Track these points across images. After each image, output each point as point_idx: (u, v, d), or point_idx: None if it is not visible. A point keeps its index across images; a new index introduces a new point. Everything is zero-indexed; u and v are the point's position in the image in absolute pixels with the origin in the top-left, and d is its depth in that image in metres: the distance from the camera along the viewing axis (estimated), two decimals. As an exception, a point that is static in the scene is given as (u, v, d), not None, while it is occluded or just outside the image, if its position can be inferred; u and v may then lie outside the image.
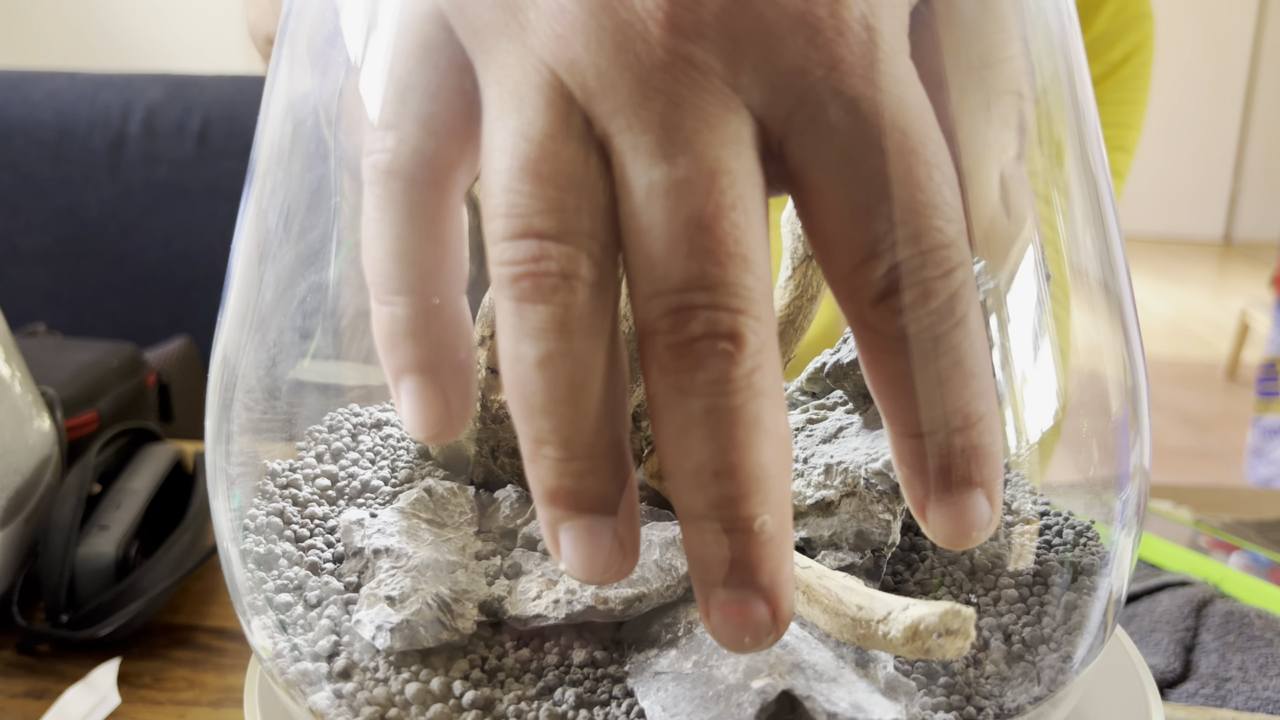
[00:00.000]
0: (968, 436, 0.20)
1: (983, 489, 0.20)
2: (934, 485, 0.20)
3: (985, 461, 0.20)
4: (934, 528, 0.21)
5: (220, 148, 1.17)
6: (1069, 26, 0.28)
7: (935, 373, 0.19)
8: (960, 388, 0.20)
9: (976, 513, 0.20)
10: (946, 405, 0.20)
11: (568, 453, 0.19)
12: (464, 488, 0.29)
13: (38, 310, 1.14)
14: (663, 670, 0.24)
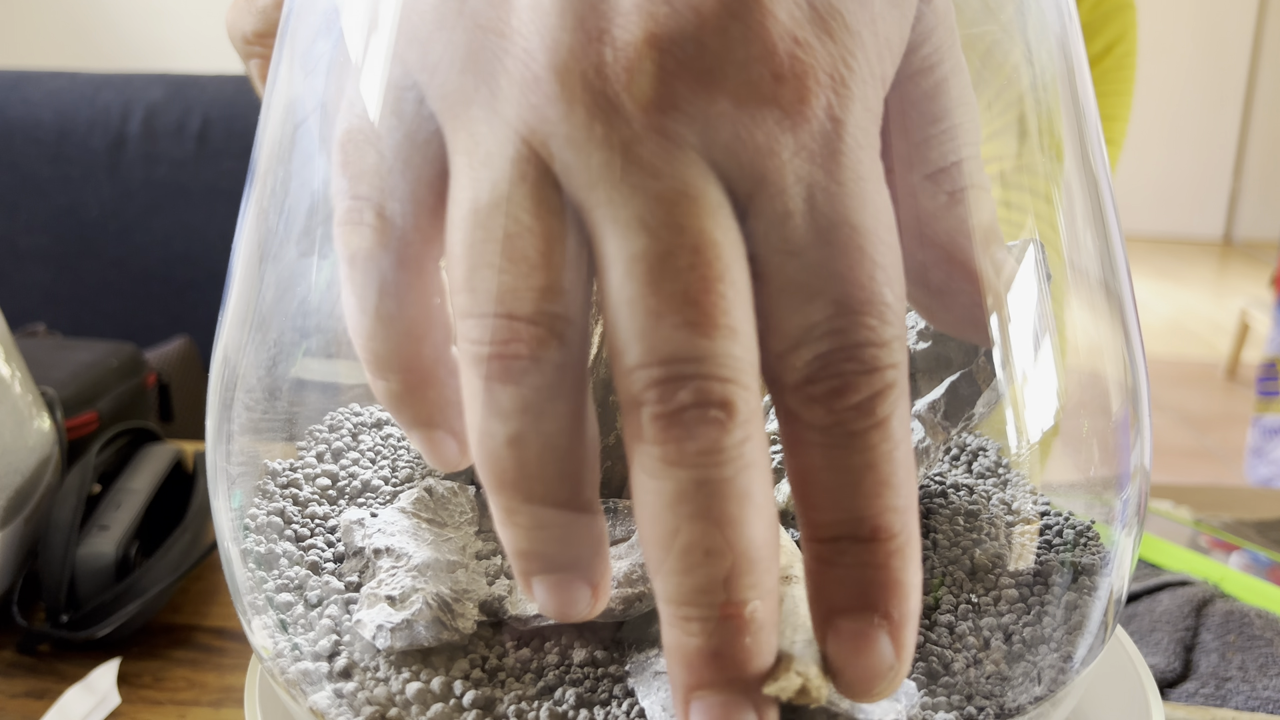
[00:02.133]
0: (874, 554, 0.19)
1: (885, 624, 0.19)
2: (830, 607, 0.19)
3: (891, 591, 0.19)
4: (831, 661, 0.19)
5: (220, 148, 1.17)
6: (1069, 26, 0.28)
7: (847, 473, 0.18)
8: (871, 495, 0.18)
9: (874, 650, 0.19)
10: (854, 511, 0.19)
11: (538, 522, 0.19)
12: (464, 487, 0.29)
13: (38, 310, 1.14)
14: (663, 670, 0.24)
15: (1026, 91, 0.29)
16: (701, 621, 0.18)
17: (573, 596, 0.20)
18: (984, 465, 0.33)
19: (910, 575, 0.19)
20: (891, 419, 0.19)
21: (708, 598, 0.18)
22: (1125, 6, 0.74)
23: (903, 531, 0.19)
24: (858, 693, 0.19)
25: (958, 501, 0.30)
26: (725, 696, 0.18)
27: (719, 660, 0.18)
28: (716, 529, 0.18)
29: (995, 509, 0.30)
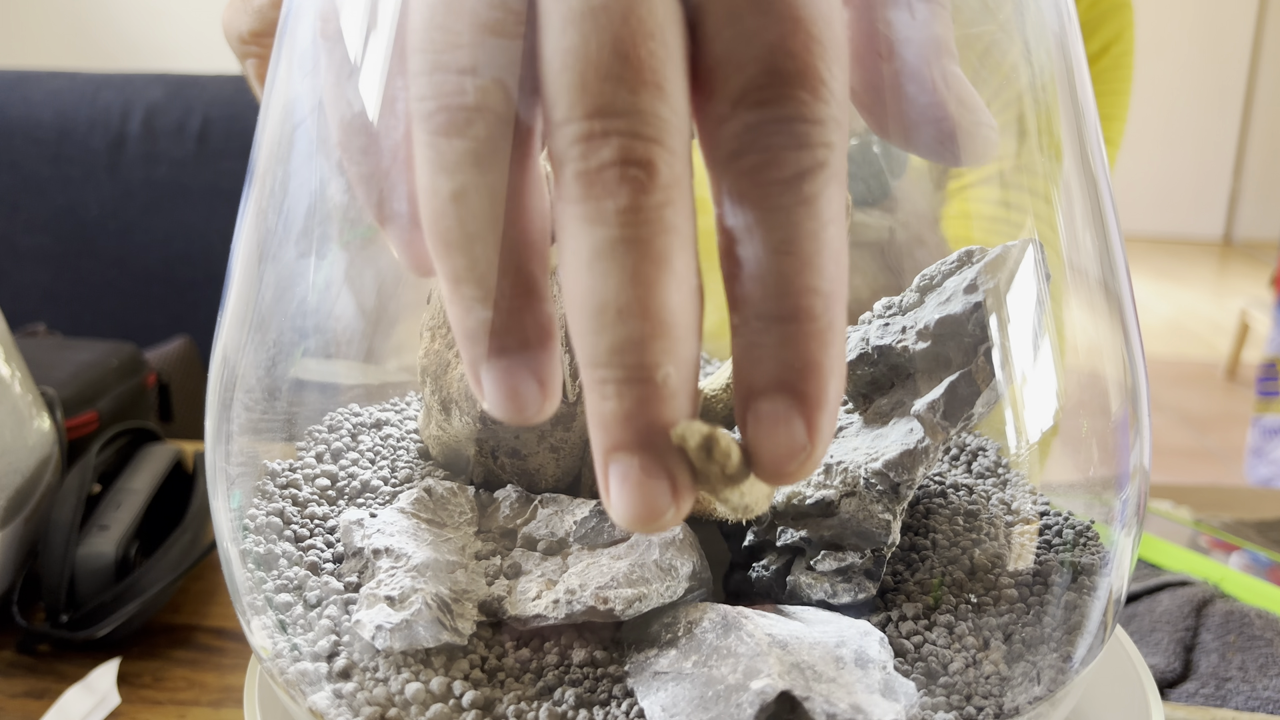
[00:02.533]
0: (793, 335, 0.18)
1: (798, 405, 0.18)
2: (749, 388, 0.19)
3: (807, 373, 0.18)
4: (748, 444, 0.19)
5: (220, 148, 1.17)
6: (1069, 26, 0.28)
7: (770, 250, 0.18)
8: (792, 274, 0.18)
9: (785, 431, 0.18)
10: (775, 290, 0.18)
11: (484, 290, 0.19)
12: (464, 488, 0.29)
13: (38, 310, 1.14)
14: (663, 670, 0.24)
15: (1025, 91, 0.29)
16: (615, 384, 0.18)
17: (520, 389, 0.19)
18: (984, 465, 0.33)
19: (828, 360, 0.19)
20: (819, 198, 0.18)
21: (619, 358, 0.18)
22: (1122, 6, 0.74)
23: (824, 315, 0.19)
24: (770, 473, 0.19)
25: (957, 501, 0.30)
26: (639, 459, 0.18)
27: (631, 423, 0.18)
28: (630, 288, 0.18)
29: (995, 509, 0.30)
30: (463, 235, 0.19)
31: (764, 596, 0.28)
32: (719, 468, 0.19)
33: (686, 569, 0.26)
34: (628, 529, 0.19)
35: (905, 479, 0.26)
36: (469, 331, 0.19)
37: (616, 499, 0.18)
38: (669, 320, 0.18)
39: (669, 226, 0.18)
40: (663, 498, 0.18)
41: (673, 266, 0.18)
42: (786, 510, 0.28)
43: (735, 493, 0.20)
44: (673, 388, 0.18)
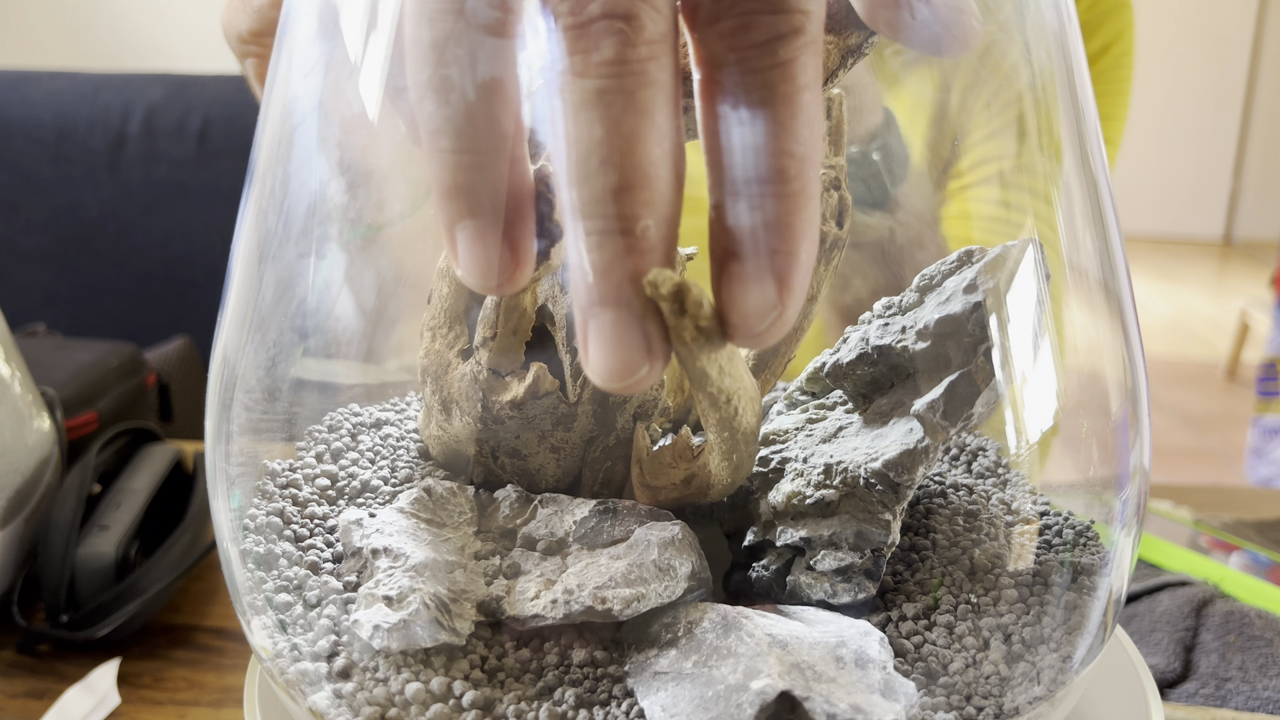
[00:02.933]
0: (764, 198, 0.19)
1: (768, 265, 0.19)
2: (723, 252, 0.19)
3: (777, 233, 0.19)
4: (720, 307, 0.19)
5: (220, 148, 1.17)
6: (1069, 26, 0.28)
7: (743, 114, 0.19)
8: (767, 138, 0.19)
9: (755, 290, 0.19)
10: (749, 152, 0.19)
11: (460, 143, 0.19)
12: (463, 488, 0.29)
13: (38, 310, 1.14)
14: (663, 670, 0.24)
15: (1025, 91, 0.29)
16: (596, 235, 0.18)
17: (490, 254, 0.20)
18: (984, 465, 0.33)
19: (800, 222, 0.19)
20: (794, 63, 0.19)
21: (600, 209, 0.18)
22: (1122, 6, 0.74)
23: (797, 179, 0.19)
24: (741, 333, 0.19)
25: (957, 501, 0.30)
26: (616, 314, 0.19)
27: (610, 275, 0.18)
28: (611, 138, 0.18)
29: (995, 509, 0.30)
30: (441, 81, 0.19)
31: (764, 596, 0.28)
32: (691, 321, 0.19)
33: (685, 569, 0.26)
34: (603, 386, 0.19)
35: (905, 479, 0.26)
36: (444, 188, 0.20)
37: (594, 355, 0.19)
38: (649, 172, 0.18)
39: (653, 81, 0.18)
40: (638, 353, 0.19)
41: (654, 120, 0.18)
42: (786, 510, 0.28)
43: (713, 365, 0.20)
44: (651, 241, 0.18)
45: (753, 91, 0.19)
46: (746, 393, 0.23)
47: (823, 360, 0.31)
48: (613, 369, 0.19)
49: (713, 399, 0.22)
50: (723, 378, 0.21)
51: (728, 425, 0.24)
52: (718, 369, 0.21)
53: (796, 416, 0.32)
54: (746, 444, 0.26)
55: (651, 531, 0.27)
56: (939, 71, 0.35)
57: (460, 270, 0.20)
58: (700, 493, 0.28)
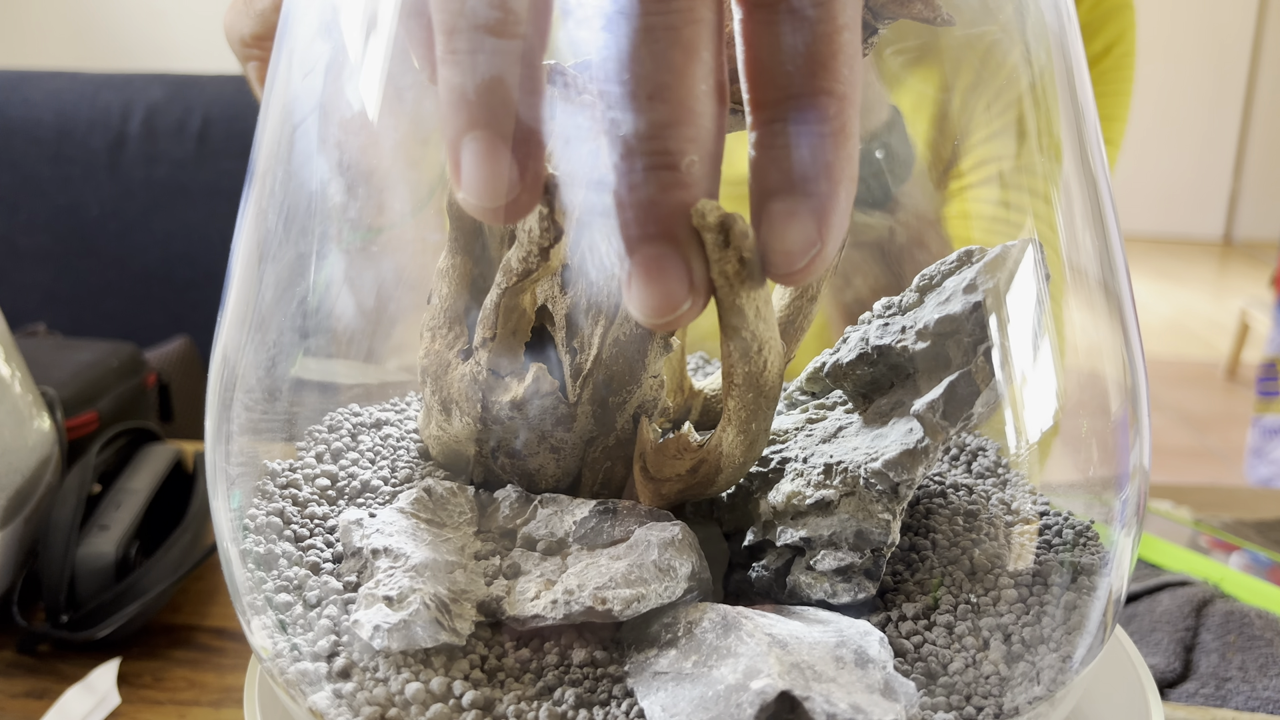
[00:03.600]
0: (805, 135, 0.19)
1: (807, 201, 0.19)
2: (763, 190, 0.19)
3: (817, 171, 0.19)
4: (761, 244, 0.19)
5: (220, 148, 1.17)
6: (1069, 27, 0.28)
7: (785, 51, 0.19)
8: (807, 74, 0.19)
9: (795, 226, 0.19)
10: (790, 90, 0.19)
11: (476, 45, 0.19)
12: (464, 488, 0.29)
13: (38, 310, 1.14)
14: (663, 670, 0.24)
15: (1025, 92, 0.29)
16: (643, 171, 0.18)
17: (499, 169, 0.19)
18: (984, 465, 0.33)
19: (840, 160, 0.19)
20: (834, 2, 0.19)
21: (647, 144, 0.18)
22: (1124, 6, 0.74)
23: (837, 117, 0.19)
24: (781, 269, 0.19)
25: (957, 501, 0.30)
26: (660, 248, 0.19)
27: (655, 209, 0.19)
28: (659, 74, 0.18)
29: (995, 509, 0.30)
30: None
31: (764, 596, 0.28)
32: (735, 254, 0.19)
33: (685, 569, 0.26)
34: (646, 321, 0.19)
35: (905, 479, 0.26)
36: (454, 94, 0.19)
37: (636, 289, 0.19)
38: (695, 108, 0.19)
39: (699, 19, 0.19)
40: (680, 287, 0.19)
41: (700, 56, 0.19)
42: (786, 510, 0.28)
43: (750, 304, 0.20)
44: (696, 175, 0.19)
45: (792, 30, 0.19)
46: (775, 346, 0.23)
47: (823, 360, 0.31)
48: (656, 304, 0.19)
49: (744, 347, 0.22)
50: (758, 321, 0.21)
51: (754, 382, 0.24)
52: (755, 309, 0.21)
53: (796, 416, 0.32)
54: (769, 407, 0.26)
55: (651, 532, 0.27)
56: (940, 72, 0.35)
57: (461, 190, 0.19)
58: (707, 481, 0.28)
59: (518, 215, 0.20)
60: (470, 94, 0.19)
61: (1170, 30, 4.43)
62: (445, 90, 0.19)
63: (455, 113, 0.19)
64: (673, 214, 0.19)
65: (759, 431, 0.26)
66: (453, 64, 0.19)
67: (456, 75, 0.19)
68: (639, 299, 0.19)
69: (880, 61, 0.34)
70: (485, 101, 0.19)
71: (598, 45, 0.19)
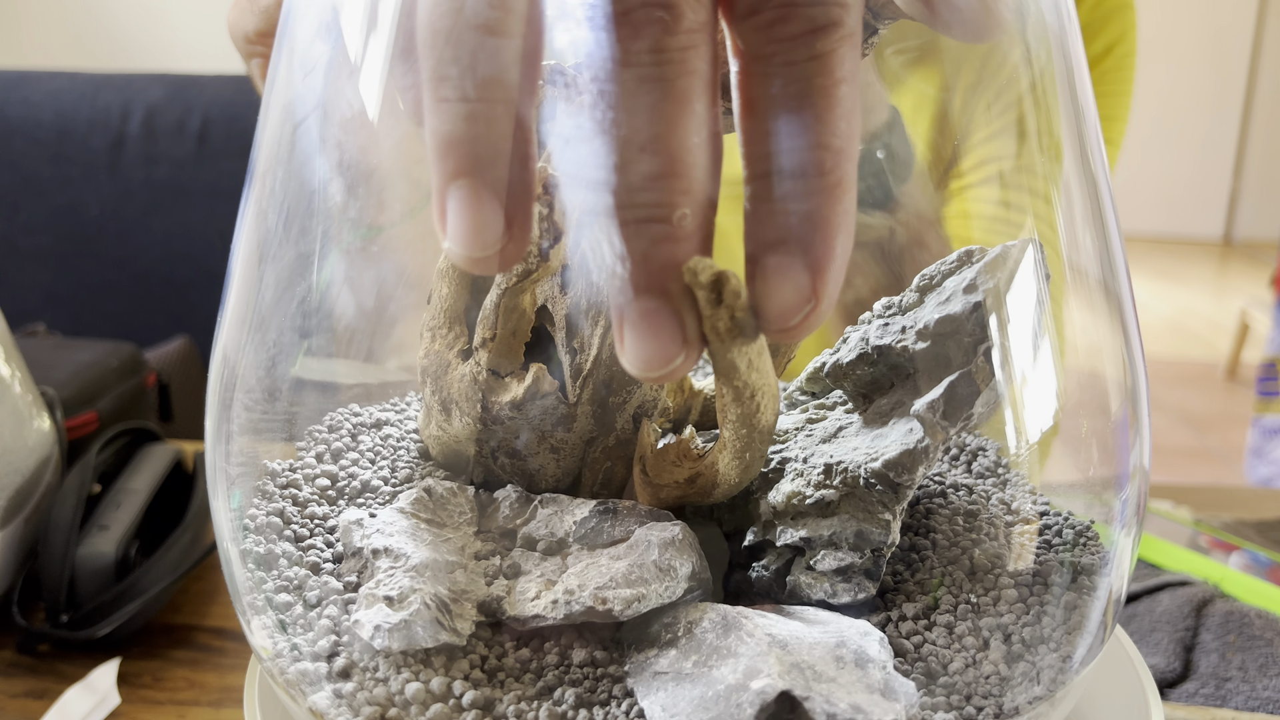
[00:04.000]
0: (800, 190, 0.19)
1: (803, 258, 0.19)
2: (757, 244, 0.19)
3: (812, 226, 0.19)
4: (755, 299, 0.19)
5: (220, 148, 1.17)
6: (1069, 27, 0.28)
7: (779, 106, 0.19)
8: (801, 129, 0.19)
9: (788, 283, 0.19)
10: (787, 144, 0.19)
11: (465, 94, 0.19)
12: (464, 488, 0.29)
13: (38, 310, 1.14)
14: (663, 670, 0.24)
15: (1025, 92, 0.29)
16: (634, 223, 0.18)
17: (485, 218, 0.19)
18: (984, 465, 0.33)
19: (836, 216, 0.19)
20: (832, 56, 0.19)
21: (639, 196, 0.18)
22: (1125, 7, 0.74)
23: (834, 171, 0.19)
24: (775, 325, 0.19)
25: (957, 501, 0.30)
26: (651, 302, 0.19)
27: (647, 264, 0.18)
28: (650, 126, 0.18)
29: (995, 509, 0.30)
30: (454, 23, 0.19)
31: (764, 596, 0.28)
32: (728, 311, 0.19)
33: (686, 569, 0.26)
34: (639, 375, 0.19)
35: (905, 479, 0.26)
36: (441, 141, 0.19)
37: (629, 343, 0.19)
38: (687, 160, 0.18)
39: (691, 69, 0.19)
40: (673, 342, 0.19)
41: (692, 108, 0.19)
42: (786, 510, 0.28)
43: (743, 358, 0.20)
44: (689, 229, 0.19)
45: (790, 84, 0.19)
46: (770, 390, 0.23)
47: (823, 360, 0.31)
48: (649, 358, 0.19)
49: (738, 393, 0.22)
50: (750, 372, 0.21)
51: (748, 421, 0.24)
52: (747, 362, 0.21)
53: (796, 416, 0.32)
54: (762, 442, 0.26)
55: (652, 532, 0.27)
56: (940, 72, 0.35)
57: (447, 239, 0.19)
58: (704, 493, 0.28)
59: (505, 266, 0.20)
60: (457, 142, 0.19)
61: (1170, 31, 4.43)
62: (432, 138, 0.19)
63: (441, 160, 0.19)
64: (665, 268, 0.19)
65: (753, 459, 0.26)
66: (439, 112, 0.19)
67: (443, 123, 0.19)
68: (631, 353, 0.19)
69: (880, 61, 0.34)
70: (472, 150, 0.19)
71: (590, 96, 0.19)
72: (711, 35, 0.19)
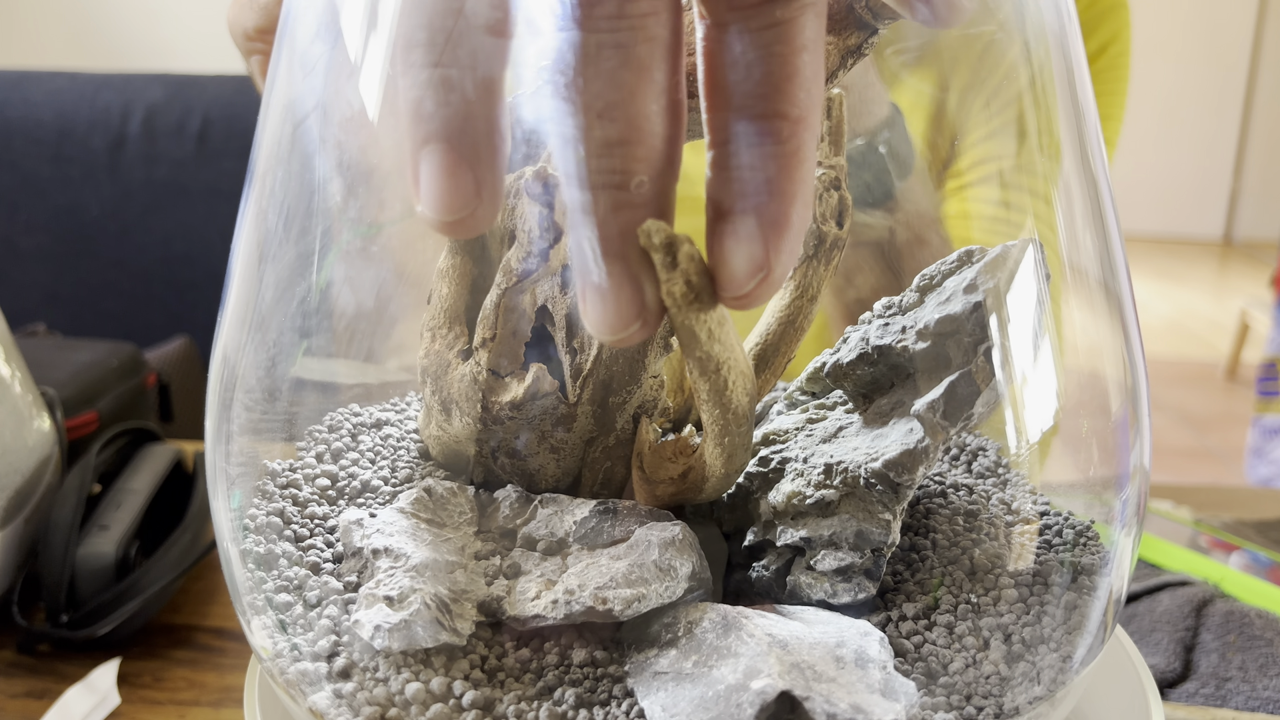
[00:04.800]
0: (757, 156, 0.19)
1: (758, 225, 0.19)
2: (716, 210, 0.19)
3: (767, 192, 0.19)
4: (711, 264, 0.19)
5: (220, 148, 1.17)
6: (1069, 26, 0.28)
7: (741, 71, 0.19)
8: (760, 95, 0.19)
9: (742, 248, 0.19)
10: (745, 111, 0.19)
11: (432, 57, 0.19)
12: (464, 488, 0.29)
13: (38, 310, 1.14)
14: (663, 670, 0.24)
15: (1025, 91, 0.29)
16: (593, 190, 0.19)
17: (456, 183, 0.19)
18: (984, 465, 0.33)
19: (791, 183, 0.19)
20: (791, 24, 0.19)
21: (598, 163, 0.18)
22: (1119, 6, 0.74)
23: (791, 140, 0.19)
24: (727, 290, 0.19)
25: (957, 501, 0.30)
26: (610, 266, 0.19)
27: (604, 228, 0.19)
28: (608, 90, 0.18)
29: (995, 509, 0.30)
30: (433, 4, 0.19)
31: (764, 596, 0.28)
32: (681, 276, 0.19)
33: (686, 569, 0.26)
34: (599, 338, 0.19)
35: (905, 479, 0.26)
36: (413, 106, 0.19)
37: (589, 307, 0.19)
38: (645, 127, 0.18)
39: (651, 36, 0.18)
40: (631, 307, 0.19)
41: (651, 75, 0.18)
42: (786, 510, 0.28)
43: (702, 326, 0.20)
44: (646, 195, 0.19)
45: (747, 52, 0.19)
46: (738, 365, 0.23)
47: (823, 360, 0.31)
48: (608, 322, 0.19)
49: (702, 365, 0.22)
50: (711, 342, 0.21)
51: (719, 399, 0.24)
52: (706, 331, 0.21)
53: (796, 416, 0.32)
54: (738, 425, 0.26)
55: (652, 532, 0.27)
56: (938, 70, 0.35)
57: (420, 202, 0.19)
58: (695, 488, 0.28)
59: (476, 229, 0.20)
60: (427, 107, 0.19)
61: (1170, 30, 4.43)
62: (403, 103, 0.19)
63: (413, 126, 0.19)
64: (622, 233, 0.19)
65: (735, 446, 0.26)
66: (409, 78, 0.19)
67: (413, 89, 0.19)
68: (590, 316, 0.19)
69: (880, 61, 0.34)
70: (441, 114, 0.19)
71: (552, 60, 0.19)
72: (676, 2, 0.19)
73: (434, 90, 0.19)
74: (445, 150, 0.19)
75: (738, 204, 0.19)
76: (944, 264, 0.29)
